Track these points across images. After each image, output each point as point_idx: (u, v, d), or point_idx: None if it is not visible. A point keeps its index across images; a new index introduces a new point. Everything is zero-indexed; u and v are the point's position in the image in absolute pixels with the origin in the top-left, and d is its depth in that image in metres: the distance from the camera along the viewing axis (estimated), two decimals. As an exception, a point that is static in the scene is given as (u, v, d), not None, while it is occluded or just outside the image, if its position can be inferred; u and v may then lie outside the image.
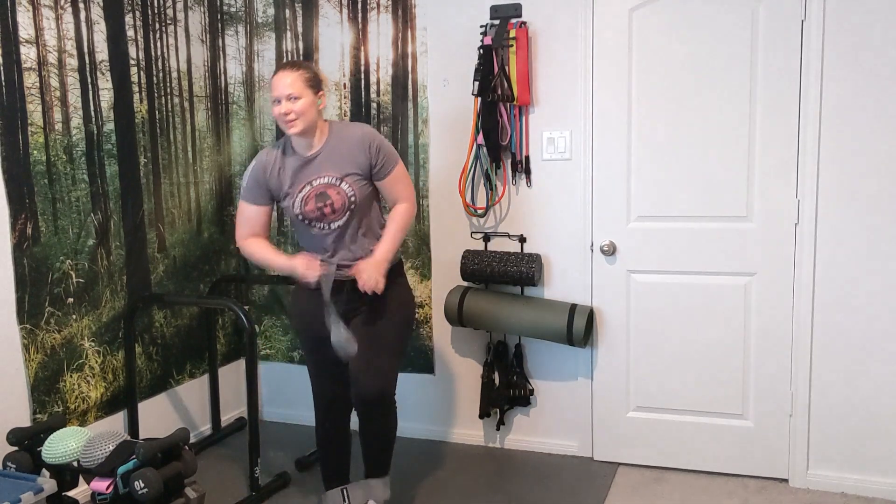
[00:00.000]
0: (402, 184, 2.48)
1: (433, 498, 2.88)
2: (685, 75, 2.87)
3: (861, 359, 2.77)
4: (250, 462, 2.86)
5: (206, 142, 3.49)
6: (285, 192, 2.42)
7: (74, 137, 2.78)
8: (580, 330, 2.93)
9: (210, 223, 3.53)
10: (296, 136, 2.37)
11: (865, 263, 2.73)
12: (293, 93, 2.30)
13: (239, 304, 2.86)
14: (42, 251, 2.66)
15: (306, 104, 2.32)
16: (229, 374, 3.67)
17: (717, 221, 2.90)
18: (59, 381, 2.74)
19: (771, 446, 2.94)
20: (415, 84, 3.27)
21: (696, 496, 2.86)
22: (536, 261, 3.05)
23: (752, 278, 2.89)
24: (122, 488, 2.22)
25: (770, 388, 2.91)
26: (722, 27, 2.80)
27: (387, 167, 2.42)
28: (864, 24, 2.63)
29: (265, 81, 3.53)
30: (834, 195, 2.73)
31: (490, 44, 2.97)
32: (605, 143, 3.00)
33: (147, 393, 3.17)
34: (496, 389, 3.22)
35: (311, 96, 2.33)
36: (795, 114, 2.76)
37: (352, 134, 2.41)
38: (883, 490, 2.78)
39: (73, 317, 2.79)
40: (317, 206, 2.38)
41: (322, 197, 2.37)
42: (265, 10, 3.48)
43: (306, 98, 2.32)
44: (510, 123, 3.07)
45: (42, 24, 2.63)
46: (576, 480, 3.01)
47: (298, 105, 2.31)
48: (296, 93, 2.30)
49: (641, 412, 3.11)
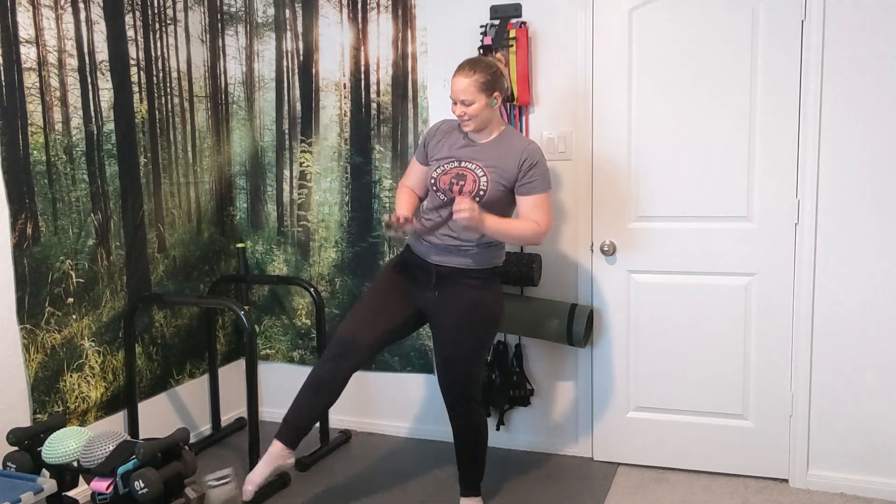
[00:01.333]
0: (539, 210, 2.48)
1: (433, 498, 2.88)
2: (685, 75, 2.87)
3: (861, 359, 2.77)
4: (250, 462, 2.85)
5: (206, 142, 3.49)
6: (435, 157, 2.58)
7: (74, 137, 2.78)
8: (580, 330, 2.92)
9: (210, 223, 3.53)
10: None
11: (865, 263, 2.73)
12: (466, 98, 2.43)
13: (239, 305, 2.86)
14: (42, 251, 2.66)
15: (478, 108, 2.44)
16: (229, 374, 3.67)
17: (717, 221, 2.90)
18: (59, 381, 2.74)
19: (771, 446, 2.94)
20: (415, 84, 3.27)
21: (696, 496, 2.86)
22: (536, 261, 3.05)
23: (752, 278, 2.89)
24: (122, 488, 2.23)
25: (770, 388, 2.91)
26: (722, 27, 2.80)
27: (531, 187, 2.47)
28: (864, 24, 2.63)
29: (265, 81, 3.53)
30: (834, 195, 2.73)
31: (490, 44, 2.97)
32: (605, 143, 3.00)
33: (147, 393, 3.17)
34: (496, 389, 3.22)
35: (483, 100, 2.43)
36: (795, 114, 2.76)
37: (516, 143, 2.51)
38: (883, 490, 2.78)
39: (73, 317, 2.79)
40: (450, 180, 2.50)
41: (459, 177, 2.50)
42: (265, 10, 3.48)
43: (479, 102, 2.43)
44: (510, 123, 3.07)
45: (42, 24, 2.63)
46: (576, 480, 3.01)
47: (471, 108, 2.44)
48: (469, 98, 2.42)
49: (641, 412, 3.11)
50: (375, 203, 3.40)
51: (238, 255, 3.61)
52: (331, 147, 3.45)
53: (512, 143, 2.51)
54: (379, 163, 3.37)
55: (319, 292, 3.35)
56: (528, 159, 2.45)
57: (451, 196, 2.46)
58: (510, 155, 2.47)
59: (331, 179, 3.47)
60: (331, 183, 3.47)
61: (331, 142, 3.45)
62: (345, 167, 3.43)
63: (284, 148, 3.54)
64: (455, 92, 2.44)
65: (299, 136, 3.51)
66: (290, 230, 3.58)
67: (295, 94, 3.49)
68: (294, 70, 3.48)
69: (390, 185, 3.35)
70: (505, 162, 2.47)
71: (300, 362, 3.65)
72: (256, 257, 3.65)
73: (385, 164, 3.36)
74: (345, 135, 3.42)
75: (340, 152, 3.44)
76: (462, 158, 2.51)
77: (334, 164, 3.45)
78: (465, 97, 2.42)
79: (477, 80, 2.41)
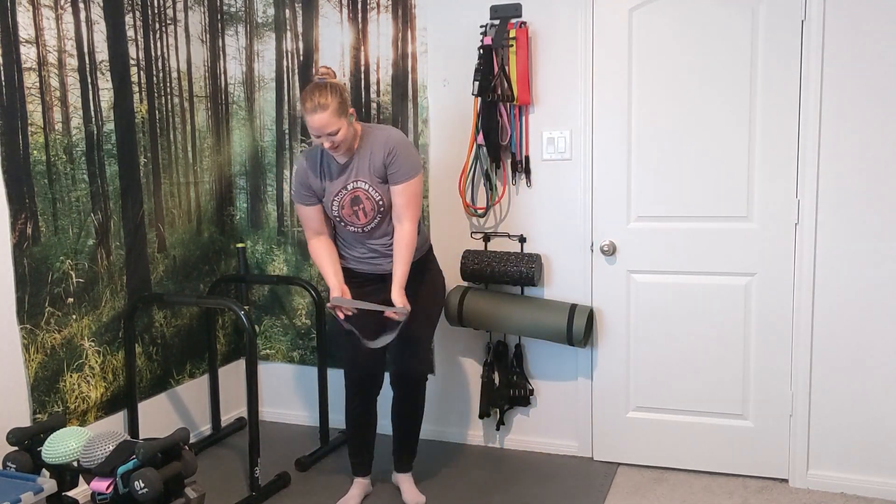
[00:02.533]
0: (406, 198, 2.54)
1: (433, 498, 2.88)
2: (685, 75, 2.87)
3: (861, 359, 2.77)
4: (250, 462, 2.86)
5: (206, 142, 3.49)
6: (325, 194, 2.59)
7: (74, 137, 2.78)
8: (580, 330, 2.93)
9: (210, 223, 3.53)
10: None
11: (865, 263, 2.73)
12: (331, 130, 2.40)
13: (239, 305, 2.86)
14: (42, 251, 2.66)
15: (344, 132, 2.44)
16: (229, 374, 3.67)
17: (717, 221, 2.90)
18: (59, 381, 2.74)
19: (771, 446, 2.94)
20: (415, 84, 3.27)
21: (696, 496, 2.86)
22: (536, 261, 3.05)
23: (752, 278, 2.89)
24: (122, 488, 2.22)
25: (770, 388, 2.91)
26: (722, 27, 2.80)
27: (397, 176, 2.52)
28: (864, 23, 2.63)
29: (265, 81, 3.53)
30: (834, 195, 2.73)
31: (490, 44, 2.97)
32: (605, 142, 3.00)
33: (147, 393, 3.17)
34: (496, 389, 3.22)
35: (345, 122, 2.43)
36: (795, 114, 2.76)
37: (377, 138, 2.54)
38: (883, 490, 2.78)
39: (73, 317, 2.79)
40: (352, 210, 2.56)
41: (355, 201, 2.55)
42: (265, 10, 3.48)
43: (342, 127, 2.43)
44: (510, 123, 3.07)
45: (42, 24, 2.63)
46: (576, 480, 3.01)
47: (338, 136, 2.43)
48: (333, 128, 2.40)
49: (641, 412, 3.11)
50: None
51: (238, 255, 3.61)
52: (331, 147, 3.45)
53: (374, 139, 2.53)
54: (379, 163, 3.37)
55: (319, 292, 3.34)
56: (393, 148, 2.51)
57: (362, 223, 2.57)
58: (378, 151, 2.52)
59: (331, 179, 3.47)
60: (331, 183, 3.47)
61: (331, 142, 3.45)
62: (345, 167, 3.43)
63: (284, 148, 3.54)
64: (317, 129, 2.39)
65: (299, 136, 3.51)
66: (290, 230, 3.58)
67: (295, 94, 3.49)
68: (294, 70, 3.48)
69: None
70: (375, 162, 2.53)
71: (300, 362, 3.66)
72: (256, 257, 3.66)
73: (385, 164, 3.35)
74: (345, 135, 3.42)
75: (340, 152, 3.43)
76: (345, 183, 2.55)
77: (334, 164, 3.45)
78: (330, 129, 2.39)
79: (332, 108, 2.38)
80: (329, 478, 3.09)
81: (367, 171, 2.53)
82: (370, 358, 2.70)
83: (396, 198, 2.54)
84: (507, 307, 3.03)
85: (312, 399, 3.63)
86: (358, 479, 2.87)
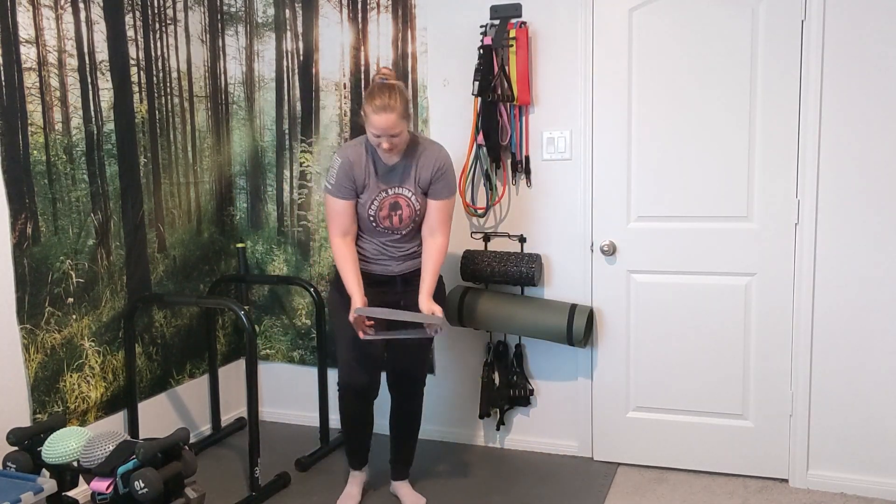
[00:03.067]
0: (444, 214, 2.60)
1: (433, 498, 2.88)
2: (685, 75, 2.87)
3: (861, 359, 2.77)
4: (250, 462, 2.86)
5: (206, 142, 3.49)
6: (365, 191, 2.55)
7: (74, 137, 2.78)
8: (580, 330, 2.93)
9: (210, 223, 3.53)
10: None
11: (865, 263, 2.73)
12: (394, 132, 2.40)
13: (239, 305, 2.86)
14: (42, 251, 2.66)
15: (404, 135, 2.45)
16: (229, 374, 3.67)
17: (717, 221, 2.90)
18: (59, 381, 2.74)
19: (771, 446, 2.94)
20: (415, 84, 3.27)
21: (696, 496, 2.86)
22: (536, 261, 3.05)
23: (752, 278, 2.89)
24: (122, 488, 2.22)
25: (770, 388, 2.91)
26: (722, 27, 2.80)
27: (441, 193, 2.57)
28: (864, 23, 2.63)
29: (265, 81, 3.53)
30: (834, 195, 2.73)
31: (490, 44, 2.97)
32: (605, 143, 3.01)
33: (147, 393, 3.17)
34: (496, 389, 3.22)
35: (406, 126, 2.44)
36: (795, 114, 2.76)
37: (429, 152, 2.56)
38: (883, 490, 2.78)
39: (73, 317, 2.79)
40: (389, 213, 2.57)
41: (395, 206, 2.56)
42: (265, 10, 3.49)
43: (404, 130, 2.44)
44: (510, 123, 3.07)
45: (42, 24, 2.63)
46: (576, 480, 3.01)
47: (399, 138, 2.43)
48: (396, 130, 2.40)
49: (641, 412, 3.11)
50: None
51: (238, 255, 3.61)
52: (331, 147, 3.45)
53: (425, 154, 2.55)
54: (379, 163, 3.37)
55: (319, 292, 3.34)
56: (443, 165, 2.56)
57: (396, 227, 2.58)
58: (426, 167, 2.55)
59: (331, 179, 3.47)
60: (331, 183, 3.47)
61: (331, 142, 3.45)
62: (345, 167, 3.43)
63: (284, 148, 3.54)
64: (382, 129, 2.37)
65: (299, 136, 3.51)
66: (290, 230, 3.58)
67: (295, 94, 3.49)
68: (294, 70, 3.48)
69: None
70: (423, 174, 2.56)
71: (300, 362, 3.66)
72: (256, 257, 3.66)
73: (385, 164, 3.35)
74: (345, 135, 3.42)
75: (340, 152, 3.44)
76: (389, 185, 2.55)
77: (334, 164, 3.45)
78: (394, 131, 2.38)
79: (399, 110, 2.38)
80: (329, 478, 3.09)
81: (413, 180, 2.55)
82: (368, 370, 2.66)
83: (435, 212, 2.58)
84: (507, 307, 3.03)
85: (312, 399, 3.62)
86: (355, 472, 2.86)
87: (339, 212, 2.56)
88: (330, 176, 2.54)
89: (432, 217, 2.59)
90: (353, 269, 2.56)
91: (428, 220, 2.60)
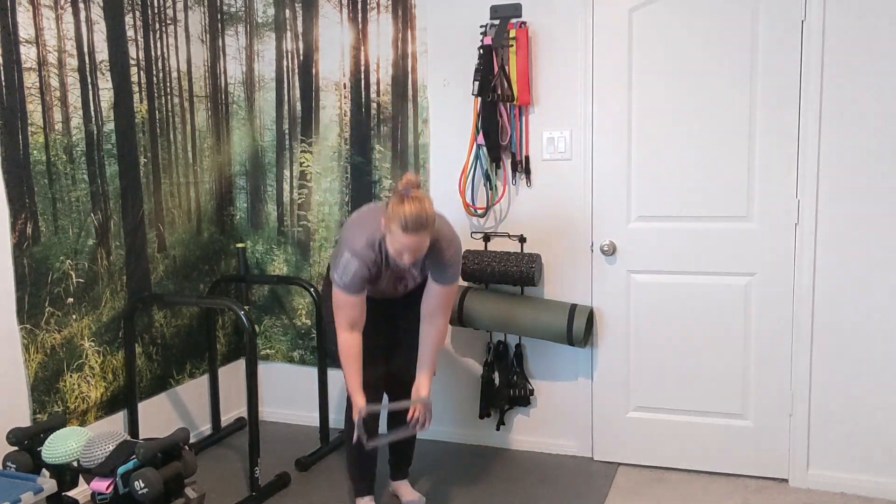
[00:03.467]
0: (447, 299, 2.52)
1: (433, 498, 2.88)
2: (685, 75, 2.87)
3: (861, 359, 2.77)
4: (250, 462, 2.85)
5: (206, 142, 3.49)
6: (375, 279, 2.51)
7: (74, 137, 2.78)
8: (580, 330, 2.93)
9: (210, 223, 3.53)
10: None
11: (865, 263, 2.73)
12: (423, 251, 2.34)
13: (239, 305, 2.86)
14: (42, 251, 2.66)
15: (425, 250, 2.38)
16: (229, 374, 3.67)
17: (717, 221, 2.90)
18: (59, 381, 2.74)
19: (771, 446, 2.94)
20: (415, 84, 3.27)
21: (696, 496, 2.86)
22: (536, 261, 3.05)
23: (752, 278, 2.89)
24: (122, 488, 2.22)
25: (770, 388, 2.91)
26: (722, 27, 2.80)
27: (447, 279, 2.49)
28: (863, 24, 2.63)
29: (265, 81, 3.53)
30: (834, 195, 2.73)
31: (490, 44, 2.97)
32: (605, 143, 3.01)
33: (147, 393, 3.17)
34: (496, 389, 3.22)
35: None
36: (795, 114, 2.76)
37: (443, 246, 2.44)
38: (883, 490, 2.78)
39: (73, 317, 2.79)
40: (394, 284, 2.56)
41: (400, 280, 2.56)
42: (265, 10, 3.48)
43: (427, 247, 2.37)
44: (510, 123, 3.07)
45: (42, 24, 2.63)
46: (576, 480, 3.01)
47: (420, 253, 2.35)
48: (425, 248, 2.34)
49: (641, 412, 3.11)
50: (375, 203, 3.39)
51: (238, 255, 3.61)
52: (331, 147, 3.45)
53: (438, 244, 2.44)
54: (379, 163, 3.37)
55: (319, 293, 3.34)
56: (451, 259, 2.46)
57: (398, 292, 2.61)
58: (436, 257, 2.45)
59: (331, 179, 3.47)
60: (331, 183, 3.47)
61: (331, 142, 3.45)
62: (345, 167, 3.44)
63: (284, 148, 3.54)
64: (412, 250, 2.30)
65: (299, 136, 3.51)
66: (290, 230, 3.58)
67: (295, 94, 3.49)
68: (294, 70, 3.48)
69: (390, 185, 3.36)
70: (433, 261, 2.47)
71: (300, 362, 3.66)
72: (256, 257, 3.66)
73: (385, 164, 3.36)
74: (345, 135, 3.42)
75: (340, 152, 3.44)
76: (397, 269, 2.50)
77: (334, 164, 3.45)
78: (424, 250, 2.34)
79: (430, 231, 2.32)
80: (329, 478, 3.09)
81: (421, 266, 2.52)
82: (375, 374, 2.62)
83: (438, 296, 2.49)
84: (507, 307, 3.03)
85: (312, 399, 3.62)
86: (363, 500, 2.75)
87: (351, 304, 2.43)
88: (343, 274, 2.38)
89: (434, 300, 2.50)
90: (358, 367, 2.47)
91: (428, 301, 2.51)
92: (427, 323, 2.54)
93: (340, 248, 2.42)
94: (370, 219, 2.44)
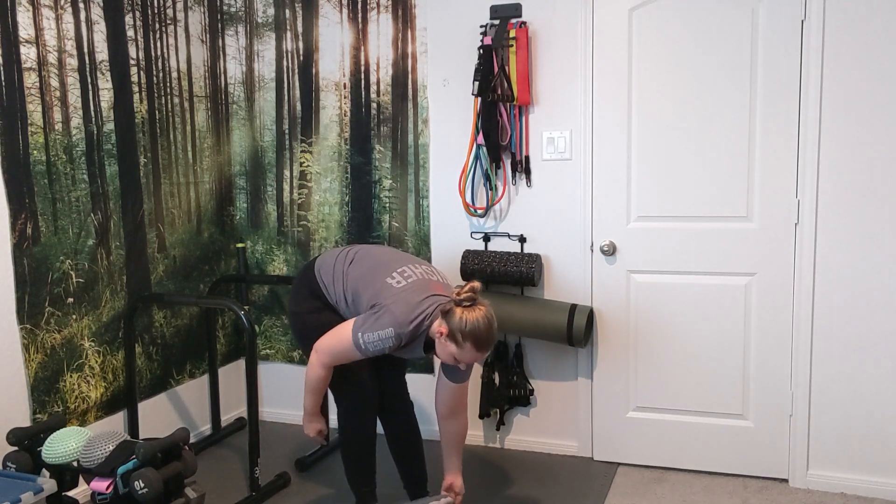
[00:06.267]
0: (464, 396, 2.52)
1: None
2: (685, 75, 2.87)
3: (861, 359, 2.77)
4: (250, 462, 2.86)
5: (206, 142, 3.49)
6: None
7: (74, 137, 2.78)
8: (580, 330, 2.93)
9: (210, 223, 3.53)
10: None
11: (865, 263, 2.73)
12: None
13: (239, 305, 2.86)
14: (42, 251, 2.66)
15: None
16: (229, 374, 3.67)
17: (717, 221, 2.90)
18: (59, 381, 2.74)
19: (771, 446, 2.94)
20: (415, 84, 3.27)
21: (696, 496, 2.86)
22: (536, 261, 3.05)
23: (752, 278, 2.89)
24: (122, 488, 2.22)
25: (770, 388, 2.91)
26: (722, 27, 2.80)
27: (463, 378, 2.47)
28: (864, 23, 2.63)
29: (265, 81, 3.53)
30: (834, 195, 2.73)
31: (490, 44, 2.97)
32: (605, 143, 3.01)
33: (147, 393, 3.17)
34: (496, 389, 3.22)
35: None
36: (795, 114, 2.76)
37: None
38: (883, 490, 2.78)
39: (73, 317, 2.79)
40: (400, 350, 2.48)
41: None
42: (265, 10, 3.49)
43: None
44: (510, 123, 3.07)
45: (42, 24, 2.63)
46: (576, 480, 3.01)
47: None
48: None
49: (641, 412, 3.11)
50: (375, 203, 3.40)
51: (238, 255, 3.61)
52: (331, 147, 3.45)
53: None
54: (379, 163, 3.37)
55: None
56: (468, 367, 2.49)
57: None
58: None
59: (331, 179, 3.47)
60: (331, 183, 3.47)
61: (331, 142, 3.45)
62: (345, 167, 3.44)
63: (284, 148, 3.54)
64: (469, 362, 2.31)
65: (299, 136, 3.51)
66: (290, 230, 3.58)
67: (295, 94, 3.49)
68: (294, 70, 3.48)
69: (390, 185, 3.36)
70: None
71: (300, 362, 3.66)
72: (256, 257, 3.66)
73: (385, 164, 3.36)
74: (345, 135, 3.42)
75: (340, 152, 3.44)
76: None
77: (334, 164, 3.45)
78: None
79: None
80: (329, 478, 3.09)
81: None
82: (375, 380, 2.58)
83: (455, 396, 2.47)
84: (507, 307, 3.03)
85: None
86: None
87: (349, 359, 2.39)
88: (373, 341, 2.29)
89: (452, 400, 2.48)
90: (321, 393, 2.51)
91: (445, 400, 2.48)
92: (447, 421, 2.51)
93: (381, 315, 2.28)
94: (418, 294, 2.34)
